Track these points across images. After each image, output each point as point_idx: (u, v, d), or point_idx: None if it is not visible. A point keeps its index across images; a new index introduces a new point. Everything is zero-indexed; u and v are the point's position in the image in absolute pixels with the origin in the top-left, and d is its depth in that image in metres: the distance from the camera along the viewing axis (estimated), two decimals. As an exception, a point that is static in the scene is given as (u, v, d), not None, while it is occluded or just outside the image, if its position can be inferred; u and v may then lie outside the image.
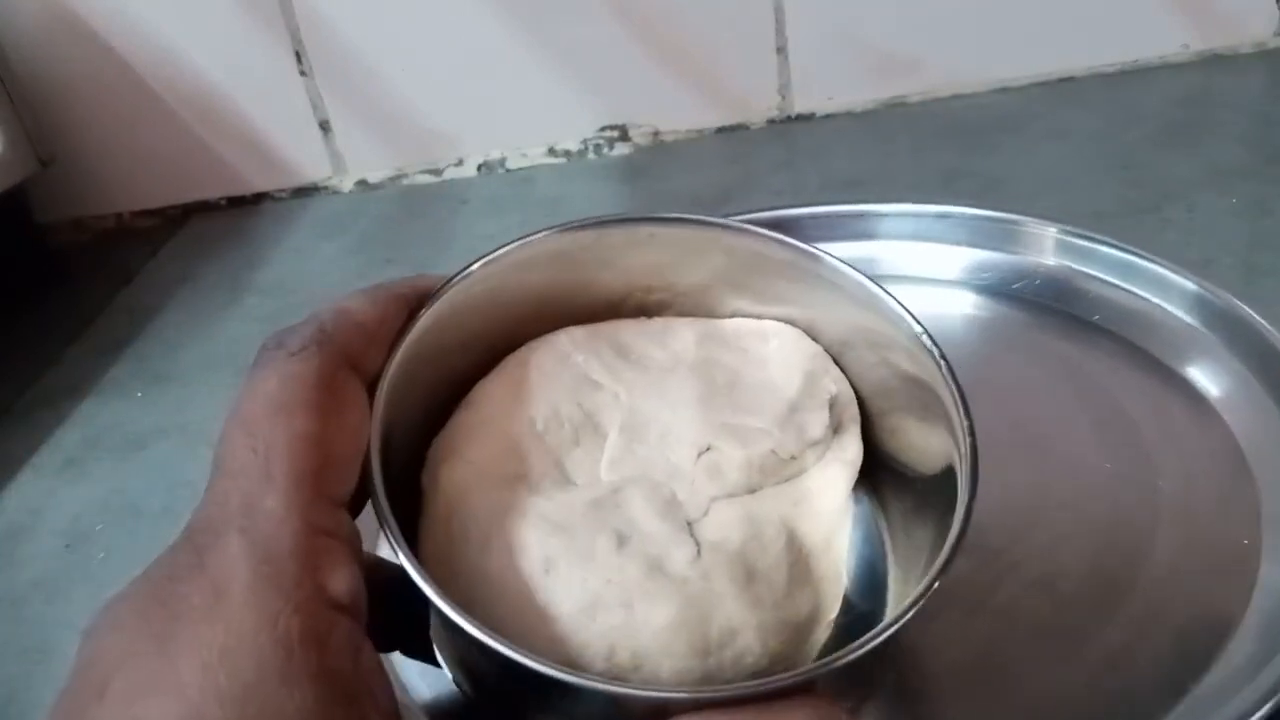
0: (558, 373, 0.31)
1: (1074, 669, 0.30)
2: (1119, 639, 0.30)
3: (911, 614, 0.24)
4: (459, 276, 0.29)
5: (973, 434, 0.27)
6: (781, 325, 0.33)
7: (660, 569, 0.27)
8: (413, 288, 0.28)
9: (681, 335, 0.33)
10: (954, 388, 0.28)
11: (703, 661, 0.26)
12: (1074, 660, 0.30)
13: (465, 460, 0.29)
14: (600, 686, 0.24)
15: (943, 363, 0.28)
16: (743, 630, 0.26)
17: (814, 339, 0.32)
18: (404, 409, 0.28)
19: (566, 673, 0.23)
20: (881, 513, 0.31)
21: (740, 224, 0.31)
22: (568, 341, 0.32)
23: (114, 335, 0.62)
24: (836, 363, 0.32)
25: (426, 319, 0.28)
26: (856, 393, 0.32)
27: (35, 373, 0.59)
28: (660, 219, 0.31)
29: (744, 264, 0.32)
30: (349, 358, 0.26)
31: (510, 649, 0.23)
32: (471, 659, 0.27)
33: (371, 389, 0.26)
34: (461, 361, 0.31)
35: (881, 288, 0.30)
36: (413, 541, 0.27)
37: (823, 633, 0.28)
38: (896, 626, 0.24)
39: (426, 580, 0.24)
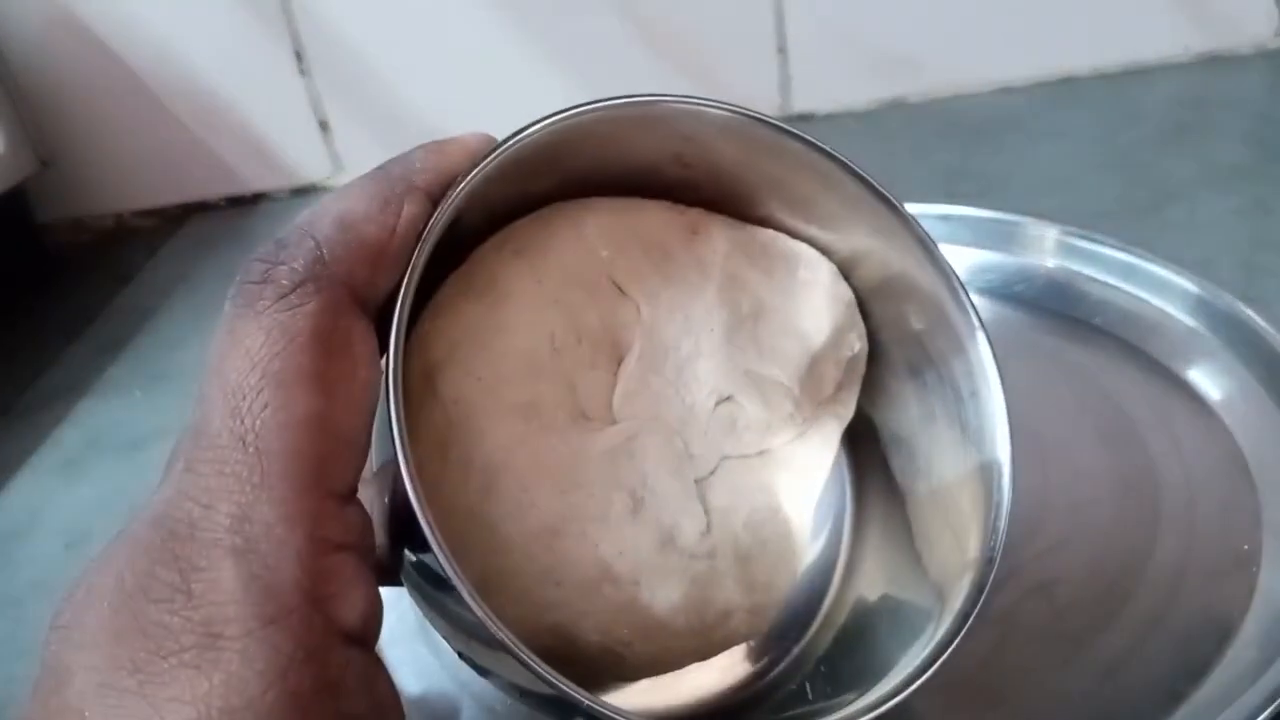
0: (581, 270, 0.27)
1: (1073, 675, 0.30)
2: (1118, 644, 0.30)
3: (924, 678, 0.25)
4: (492, 154, 0.24)
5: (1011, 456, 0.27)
6: (816, 256, 0.30)
7: (672, 542, 0.26)
8: (434, 172, 0.23)
9: (712, 240, 0.29)
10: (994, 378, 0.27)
11: (694, 641, 0.26)
12: (1073, 666, 0.30)
13: (473, 375, 0.25)
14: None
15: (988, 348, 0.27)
16: (736, 613, 0.27)
17: (847, 278, 0.30)
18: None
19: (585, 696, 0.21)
20: (849, 469, 0.32)
21: (807, 139, 0.28)
22: (594, 229, 0.28)
23: (113, 335, 0.61)
24: (862, 309, 0.30)
25: (449, 212, 0.23)
26: (873, 346, 0.30)
27: (35, 373, 0.59)
28: (727, 106, 0.28)
29: (791, 168, 0.28)
30: (352, 290, 0.21)
31: (533, 661, 0.21)
32: (460, 625, 0.24)
33: (380, 313, 0.22)
34: (472, 219, 0.26)
35: (933, 242, 0.28)
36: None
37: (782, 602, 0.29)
38: (909, 690, 0.24)
39: (448, 559, 0.21)
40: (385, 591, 0.34)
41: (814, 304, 0.29)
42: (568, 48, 0.69)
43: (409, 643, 0.34)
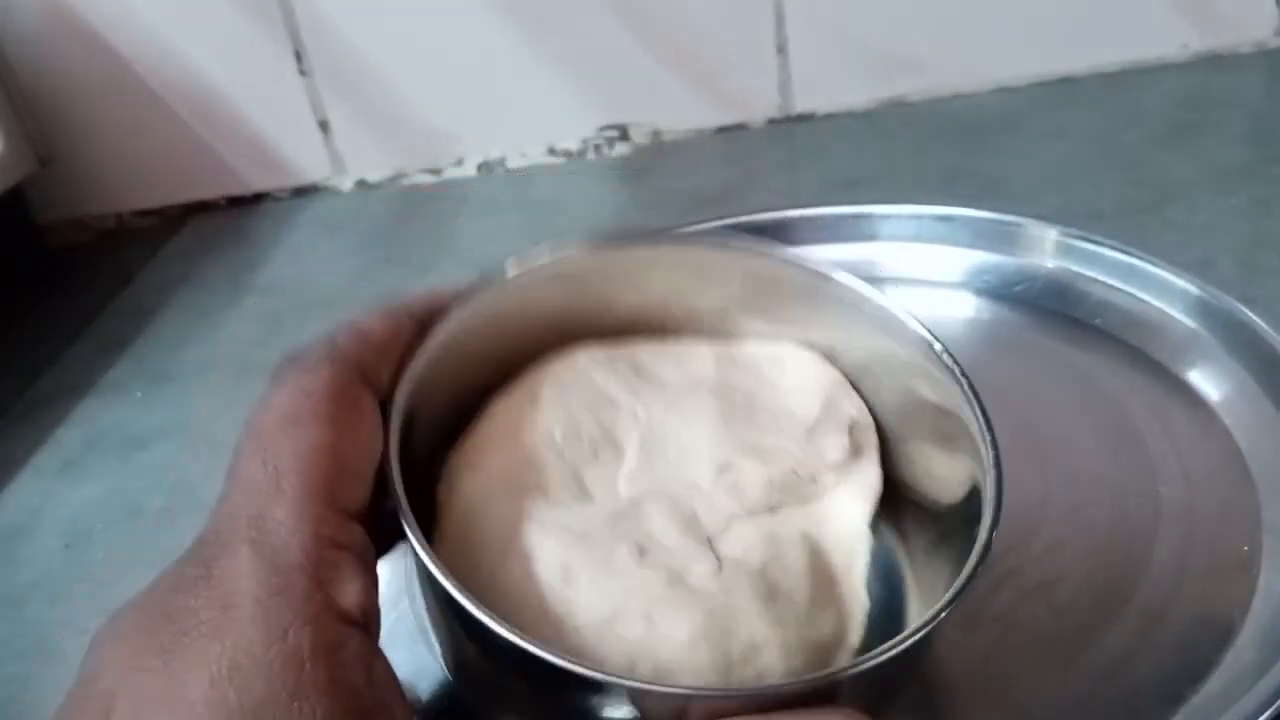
0: (575, 388, 0.31)
1: (1072, 676, 0.30)
2: (1118, 646, 0.30)
3: (935, 623, 0.24)
4: (474, 289, 0.29)
5: (998, 466, 0.27)
6: (798, 349, 0.33)
7: (681, 581, 0.27)
8: (427, 301, 0.28)
9: (699, 356, 0.33)
10: (980, 415, 0.28)
11: (724, 677, 0.26)
12: (1072, 667, 0.30)
13: (482, 471, 0.29)
14: (624, 682, 0.24)
15: (968, 388, 0.28)
16: (765, 647, 0.26)
17: (832, 363, 0.32)
18: (421, 422, 0.28)
19: (594, 670, 0.23)
20: (903, 544, 0.31)
21: (759, 245, 0.31)
22: (586, 359, 0.32)
23: (114, 335, 0.62)
24: (855, 388, 0.32)
25: (442, 333, 0.28)
26: (876, 419, 0.32)
27: (35, 373, 0.59)
28: (679, 237, 0.33)
29: (761, 287, 0.32)
30: (360, 370, 0.26)
31: (546, 650, 0.23)
32: (480, 660, 0.27)
33: (385, 403, 0.26)
34: (478, 375, 0.31)
35: (904, 310, 0.30)
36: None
37: (845, 657, 0.28)
38: (920, 635, 0.24)
39: (443, 572, 0.23)
40: (384, 591, 0.35)
41: (802, 385, 0.32)
42: (567, 48, 0.69)
43: (409, 643, 0.34)
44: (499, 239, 0.64)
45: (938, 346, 0.29)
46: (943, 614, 0.24)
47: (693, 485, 0.29)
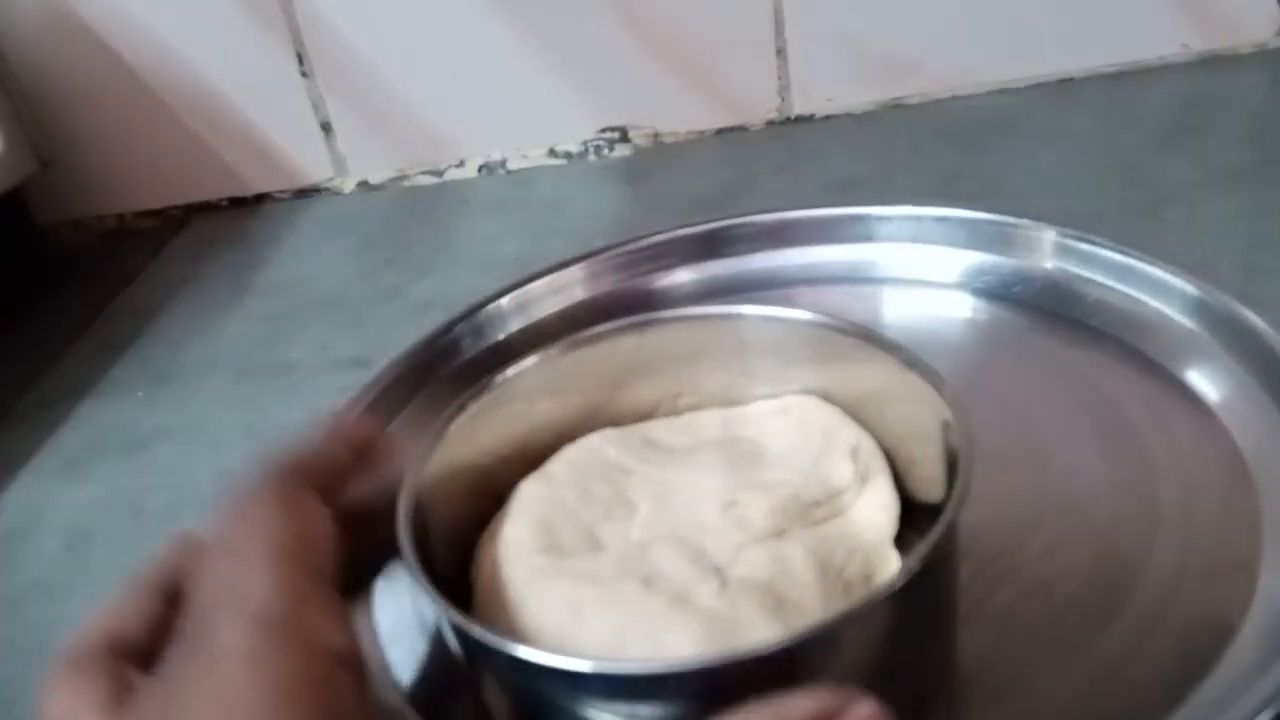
0: (589, 462, 0.34)
1: (1071, 676, 0.30)
2: (1117, 646, 0.30)
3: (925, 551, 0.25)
4: (468, 401, 0.33)
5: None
6: (800, 397, 0.35)
7: (685, 601, 0.28)
8: (359, 432, 0.31)
9: (706, 423, 0.36)
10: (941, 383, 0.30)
11: None
12: (1071, 667, 0.30)
13: (502, 540, 0.31)
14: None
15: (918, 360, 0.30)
16: None
17: (832, 402, 0.35)
18: (442, 516, 0.31)
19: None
20: None
21: (734, 308, 0.35)
22: (599, 439, 0.35)
23: (115, 335, 0.62)
24: (859, 420, 0.34)
25: (445, 441, 0.32)
26: (886, 448, 0.33)
27: (36, 373, 0.59)
28: (660, 321, 0.35)
29: (752, 352, 0.35)
30: (298, 475, 0.28)
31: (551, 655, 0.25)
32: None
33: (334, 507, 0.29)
34: (503, 474, 0.34)
35: (871, 335, 0.32)
36: None
37: None
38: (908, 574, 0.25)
39: (441, 601, 0.26)
40: (384, 587, 0.36)
41: (802, 425, 0.34)
42: (568, 50, 0.69)
43: (410, 641, 0.34)
44: (500, 240, 0.64)
45: (904, 355, 0.31)
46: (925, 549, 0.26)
47: (701, 525, 0.31)
